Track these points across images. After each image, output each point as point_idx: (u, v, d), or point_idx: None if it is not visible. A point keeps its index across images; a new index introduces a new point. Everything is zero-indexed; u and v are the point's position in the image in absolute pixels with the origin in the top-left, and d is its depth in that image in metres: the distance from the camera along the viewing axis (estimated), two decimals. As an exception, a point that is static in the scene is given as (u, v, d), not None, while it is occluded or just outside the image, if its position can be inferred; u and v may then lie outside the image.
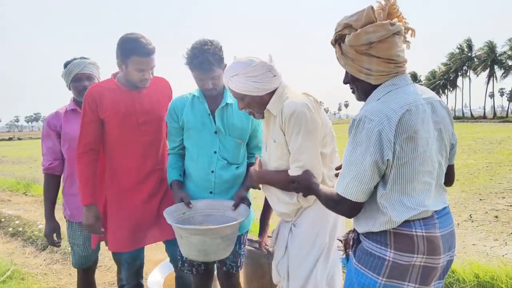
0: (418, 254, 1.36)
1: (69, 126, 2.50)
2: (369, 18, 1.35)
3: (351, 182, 1.36)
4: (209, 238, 1.94)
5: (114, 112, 2.22)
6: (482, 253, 4.31)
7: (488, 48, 68.56)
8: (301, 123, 1.73)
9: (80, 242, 2.58)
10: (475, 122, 56.20)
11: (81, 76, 2.49)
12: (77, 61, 2.49)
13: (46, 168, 2.52)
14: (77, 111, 2.53)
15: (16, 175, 12.58)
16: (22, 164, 17.56)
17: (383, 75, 1.41)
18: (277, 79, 1.83)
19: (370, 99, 1.44)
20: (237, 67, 1.80)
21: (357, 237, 1.55)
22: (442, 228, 1.42)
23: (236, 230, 2.09)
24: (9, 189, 9.38)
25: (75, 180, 2.47)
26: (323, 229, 1.90)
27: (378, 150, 1.32)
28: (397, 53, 1.39)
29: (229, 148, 2.25)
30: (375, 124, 1.31)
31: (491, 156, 12.71)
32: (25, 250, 4.74)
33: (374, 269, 1.41)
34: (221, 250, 2.00)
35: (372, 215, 1.43)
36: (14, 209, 7.06)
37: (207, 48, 2.08)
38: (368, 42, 1.36)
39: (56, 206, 2.60)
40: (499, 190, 7.60)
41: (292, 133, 1.76)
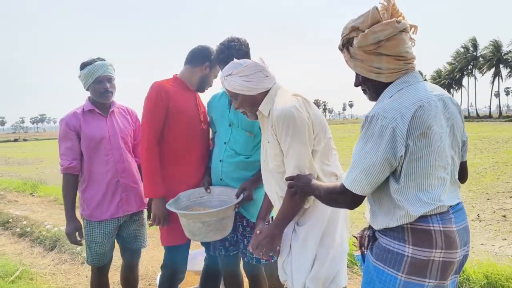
0: (437, 249, 1.37)
1: (88, 127, 2.54)
2: (375, 18, 1.39)
3: (359, 175, 1.38)
4: (192, 222, 2.19)
5: (184, 109, 2.43)
6: (491, 252, 4.29)
7: (493, 47, 68.16)
8: (289, 124, 1.76)
9: (99, 239, 2.59)
10: (481, 121, 55.90)
11: (103, 79, 2.53)
12: (100, 63, 2.52)
13: (65, 168, 2.52)
14: (94, 112, 2.59)
15: (23, 176, 12.64)
16: (28, 165, 17.67)
17: (393, 73, 1.44)
18: (269, 80, 1.90)
19: (382, 97, 1.46)
20: (231, 67, 1.91)
21: (373, 235, 1.56)
22: (458, 223, 1.43)
23: (222, 219, 2.19)
24: (16, 190, 9.43)
25: (94, 179, 2.54)
26: (327, 228, 1.90)
27: (391, 147, 1.33)
28: (406, 50, 1.42)
29: (239, 139, 2.35)
30: (389, 121, 1.33)
31: (497, 156, 12.65)
32: (33, 251, 4.76)
33: (394, 266, 1.41)
34: (204, 233, 2.20)
35: (389, 210, 1.44)
36: (21, 210, 7.10)
37: (233, 44, 2.23)
38: (377, 41, 1.39)
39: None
40: (507, 190, 7.56)
41: (281, 134, 1.81)
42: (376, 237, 1.53)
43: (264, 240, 1.92)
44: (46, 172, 14.09)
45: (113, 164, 2.58)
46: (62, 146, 2.54)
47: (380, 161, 1.35)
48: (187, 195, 2.44)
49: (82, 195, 2.60)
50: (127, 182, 2.63)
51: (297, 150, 1.78)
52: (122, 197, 2.60)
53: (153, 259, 4.28)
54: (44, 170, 14.98)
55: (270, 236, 1.91)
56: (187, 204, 2.42)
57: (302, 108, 1.80)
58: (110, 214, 2.57)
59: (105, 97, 2.57)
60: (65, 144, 2.53)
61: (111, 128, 2.61)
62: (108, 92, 2.56)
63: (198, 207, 2.42)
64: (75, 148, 2.53)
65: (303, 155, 1.79)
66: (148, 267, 4.08)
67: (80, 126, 2.53)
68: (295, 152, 1.79)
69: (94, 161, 2.54)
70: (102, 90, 2.54)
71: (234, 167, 2.39)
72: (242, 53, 2.23)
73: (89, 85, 2.54)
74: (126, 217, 2.67)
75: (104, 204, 2.56)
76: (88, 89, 2.58)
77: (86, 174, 2.56)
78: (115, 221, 2.62)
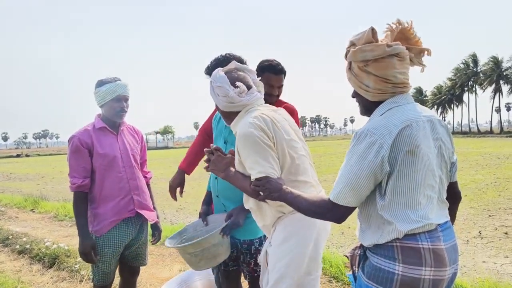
0: (426, 266, 1.38)
1: (101, 144, 2.56)
2: (368, 38, 1.44)
3: (344, 188, 1.42)
4: (181, 253, 2.25)
5: None
6: (492, 270, 4.25)
7: (493, 63, 68.55)
8: (248, 142, 1.79)
9: (107, 258, 2.58)
10: (482, 137, 55.88)
11: (122, 98, 2.59)
12: (120, 82, 2.58)
13: (78, 186, 2.50)
14: (106, 130, 2.62)
15: (24, 192, 12.63)
16: (30, 181, 17.68)
17: (380, 93, 1.49)
18: (235, 106, 1.93)
19: (372, 116, 1.51)
20: (212, 75, 2.00)
21: (364, 254, 1.56)
22: (446, 241, 1.45)
23: (206, 248, 2.17)
24: (17, 206, 9.41)
25: (108, 196, 2.56)
26: (296, 248, 1.86)
27: (377, 162, 1.37)
28: (394, 74, 1.46)
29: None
30: (377, 137, 1.38)
31: (499, 172, 12.61)
32: (32, 268, 4.73)
33: (385, 284, 1.42)
34: (196, 263, 2.23)
35: (378, 227, 1.46)
36: (21, 226, 7.08)
37: (228, 56, 2.41)
38: (364, 60, 1.45)
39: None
40: (508, 206, 7.51)
41: (243, 153, 1.83)
42: (367, 256, 1.54)
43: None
44: (47, 188, 14.10)
45: (126, 181, 2.62)
46: (74, 163, 2.52)
47: (365, 174, 1.38)
48: (194, 225, 2.52)
49: (93, 211, 2.58)
50: (140, 199, 2.67)
51: (259, 164, 1.78)
52: (137, 211, 2.65)
53: (152, 277, 4.25)
54: (45, 186, 14.98)
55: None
56: (193, 235, 2.46)
57: (263, 126, 1.80)
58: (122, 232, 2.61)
59: (120, 116, 2.62)
60: (77, 161, 2.52)
61: (122, 146, 2.65)
62: (123, 111, 2.63)
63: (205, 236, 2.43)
64: (87, 165, 2.53)
65: (265, 164, 1.78)
66: (147, 285, 4.05)
67: (93, 144, 2.53)
68: (258, 166, 1.78)
69: (107, 178, 2.56)
70: (118, 109, 2.58)
71: (228, 185, 2.38)
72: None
73: (106, 102, 2.56)
74: (134, 234, 2.69)
75: (118, 221, 2.58)
76: (102, 106, 2.60)
77: (98, 191, 2.56)
78: (124, 239, 2.62)
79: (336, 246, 5.42)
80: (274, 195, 1.69)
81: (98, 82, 2.59)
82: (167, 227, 6.02)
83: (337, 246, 5.42)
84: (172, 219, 7.69)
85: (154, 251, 5.10)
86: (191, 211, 8.45)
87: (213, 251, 2.20)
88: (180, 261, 4.67)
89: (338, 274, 3.83)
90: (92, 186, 2.57)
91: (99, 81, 2.59)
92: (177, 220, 7.55)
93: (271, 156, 1.80)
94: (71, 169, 2.53)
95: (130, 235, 2.67)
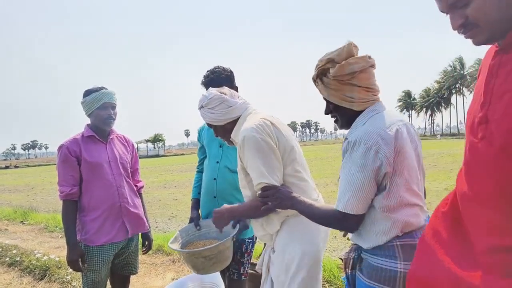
0: None
1: (89, 152, 2.58)
2: (349, 52, 1.54)
3: (351, 198, 1.46)
4: (194, 258, 2.20)
5: None
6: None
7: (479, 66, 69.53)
8: (251, 146, 1.79)
9: (96, 267, 2.57)
10: (471, 138, 56.01)
11: (108, 105, 2.62)
12: (106, 90, 2.62)
13: (66, 195, 2.52)
14: (94, 138, 2.64)
15: (13, 203, 12.47)
16: (19, 193, 17.46)
17: (364, 102, 1.58)
18: (234, 109, 1.95)
19: (356, 124, 1.58)
20: (200, 100, 2.01)
21: (358, 256, 1.59)
22: None
23: (222, 251, 2.20)
24: (6, 218, 9.29)
25: (96, 204, 2.56)
26: (297, 254, 1.86)
27: (375, 167, 1.43)
28: (374, 82, 1.59)
29: (231, 157, 2.51)
30: (371, 144, 1.43)
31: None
32: (23, 281, 4.67)
33: (389, 283, 1.46)
34: (208, 267, 2.21)
35: (378, 227, 1.50)
36: (11, 238, 6.98)
37: (217, 70, 2.56)
38: (352, 72, 1.53)
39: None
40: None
41: (246, 157, 1.83)
42: (362, 257, 1.57)
43: (216, 214, 2.04)
44: (37, 199, 13.94)
45: (115, 189, 2.62)
46: (62, 172, 2.54)
47: (368, 180, 1.44)
48: (186, 230, 2.52)
49: (82, 219, 2.59)
50: (129, 207, 2.67)
51: (259, 166, 1.78)
52: (124, 221, 2.64)
53: (145, 286, 4.22)
54: (34, 197, 14.81)
55: (220, 214, 2.03)
56: (187, 239, 2.47)
57: (265, 130, 1.81)
58: (110, 238, 2.58)
59: (108, 124, 2.64)
60: (66, 170, 2.54)
61: (111, 154, 2.67)
62: (111, 118, 2.64)
63: (198, 240, 2.48)
64: (75, 174, 2.55)
65: (269, 172, 1.77)
66: (140, 294, 4.02)
67: (81, 152, 2.56)
68: (257, 168, 1.78)
69: (95, 186, 2.56)
70: (106, 116, 2.61)
71: (227, 185, 2.52)
72: (224, 78, 2.49)
73: (93, 111, 2.60)
74: (123, 243, 2.68)
75: (106, 228, 2.57)
76: (90, 115, 2.63)
77: (86, 199, 2.57)
78: (114, 247, 2.62)
79: (329, 250, 5.43)
80: (287, 203, 1.72)
81: (84, 92, 2.63)
82: (159, 236, 5.99)
83: (330, 250, 5.44)
84: (164, 227, 7.65)
85: (147, 260, 5.07)
86: (183, 218, 8.41)
87: (226, 254, 2.26)
88: (173, 270, 4.65)
89: (331, 278, 3.84)
90: (81, 194, 2.58)
91: (86, 91, 2.63)
92: (169, 228, 7.51)
93: (274, 161, 1.81)
94: (60, 177, 2.55)
95: (120, 244, 2.66)
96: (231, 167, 2.52)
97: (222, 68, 2.55)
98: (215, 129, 2.04)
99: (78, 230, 2.58)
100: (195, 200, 2.73)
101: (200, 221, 2.56)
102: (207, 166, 2.65)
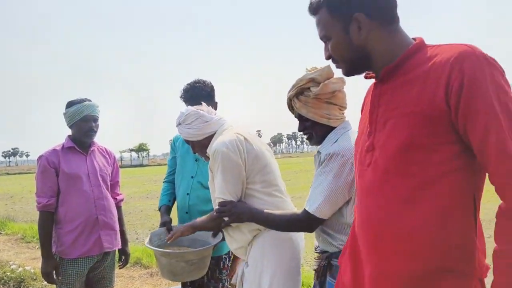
0: None
1: (67, 164, 2.57)
2: (329, 73, 1.68)
3: (323, 203, 1.58)
4: (174, 261, 2.13)
5: None
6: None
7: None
8: (218, 160, 1.85)
9: (71, 280, 2.54)
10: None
11: (90, 118, 2.61)
12: (88, 103, 2.62)
13: (43, 206, 2.51)
14: (74, 149, 2.64)
15: (-9, 212, 12.16)
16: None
17: (338, 119, 1.72)
18: (210, 125, 2.00)
19: (328, 140, 1.70)
20: (178, 117, 2.06)
21: (328, 263, 1.68)
22: None
23: (205, 257, 2.19)
24: (-18, 227, 9.05)
25: (72, 216, 2.54)
26: (269, 269, 1.87)
27: (349, 178, 1.57)
28: (345, 101, 1.76)
29: (206, 173, 2.42)
30: (347, 157, 1.58)
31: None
32: (-4, 293, 4.56)
33: None
34: (187, 273, 2.16)
35: (346, 231, 1.61)
36: (-14, 249, 6.81)
37: (198, 85, 2.53)
38: (333, 91, 1.67)
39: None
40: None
41: (215, 170, 1.89)
42: (332, 264, 1.66)
43: (180, 228, 2.13)
44: (15, 208, 13.63)
45: (93, 201, 2.60)
46: (40, 183, 2.55)
47: (342, 189, 1.57)
48: (158, 234, 2.47)
49: (57, 231, 2.57)
50: (106, 219, 2.64)
51: (224, 186, 1.85)
52: (101, 234, 2.60)
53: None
54: (13, 206, 14.48)
55: (180, 231, 2.12)
56: (159, 243, 2.41)
57: (234, 146, 1.85)
58: (86, 251, 2.55)
59: (89, 136, 2.65)
60: (44, 181, 2.54)
61: (91, 166, 2.66)
62: (92, 131, 2.64)
63: (170, 245, 2.40)
64: (53, 185, 2.54)
65: (228, 189, 1.85)
66: (117, 308, 3.96)
67: (59, 163, 2.55)
68: (222, 188, 1.85)
69: (72, 198, 2.55)
70: (87, 129, 2.61)
71: (200, 200, 2.50)
72: (204, 94, 2.47)
73: (74, 123, 2.60)
74: (99, 257, 2.65)
75: (81, 241, 2.54)
76: (71, 127, 2.64)
77: (63, 211, 2.55)
78: (89, 260, 2.59)
79: (311, 264, 5.43)
80: (244, 217, 1.80)
81: (67, 103, 2.64)
82: (138, 248, 5.92)
83: (311, 264, 5.43)
84: (144, 239, 7.50)
85: (124, 273, 5.00)
86: (165, 230, 8.29)
87: (206, 261, 2.24)
88: (151, 283, 4.60)
89: (310, 292, 3.84)
90: (58, 206, 2.56)
91: (68, 103, 2.63)
92: (150, 240, 7.40)
93: (237, 179, 1.85)
94: (38, 188, 2.55)
95: (95, 258, 2.63)
96: (205, 183, 2.50)
97: (203, 83, 2.54)
98: (193, 145, 2.08)
99: (54, 242, 2.56)
100: (166, 206, 2.67)
101: (173, 227, 2.50)
102: (181, 181, 2.62)
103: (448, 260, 1.05)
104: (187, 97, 2.49)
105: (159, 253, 2.16)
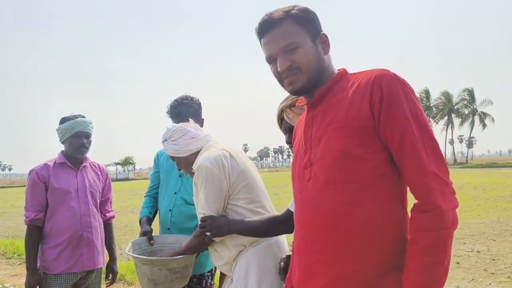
0: None
1: (56, 179, 2.58)
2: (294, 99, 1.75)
3: None
4: (157, 269, 2.08)
5: None
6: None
7: (444, 98, 72.46)
8: (202, 175, 1.86)
9: None
10: (437, 168, 57.45)
11: (82, 134, 2.63)
12: (81, 119, 2.64)
13: (31, 220, 2.52)
14: (65, 165, 2.66)
15: (-30, 227, 11.83)
16: (-22, 216, 16.60)
17: None
18: (197, 141, 2.02)
19: None
20: (164, 134, 2.08)
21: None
22: None
23: (187, 266, 2.16)
24: (-39, 243, 8.80)
25: (57, 231, 2.53)
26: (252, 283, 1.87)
27: None
28: None
29: (190, 190, 2.42)
30: None
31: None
32: (-26, 311, 4.42)
33: None
34: (169, 282, 2.11)
35: None
36: (-35, 265, 6.62)
37: (186, 102, 2.50)
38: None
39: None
40: (460, 236, 7.77)
41: (199, 185, 1.90)
42: None
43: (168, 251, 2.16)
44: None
45: (79, 217, 2.59)
46: (30, 197, 2.56)
47: None
48: (138, 243, 2.45)
49: (42, 246, 2.56)
50: (90, 237, 2.62)
51: (203, 198, 1.87)
52: (83, 251, 2.58)
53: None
54: (-6, 221, 14.13)
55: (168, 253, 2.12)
56: (139, 253, 2.38)
57: (219, 162, 1.87)
58: (68, 267, 2.53)
59: (81, 152, 2.66)
60: (33, 195, 2.55)
61: (81, 182, 2.66)
62: (84, 147, 2.66)
63: (151, 255, 2.39)
64: (42, 200, 2.55)
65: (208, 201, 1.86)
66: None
67: (49, 178, 2.56)
68: (202, 199, 1.87)
69: (59, 212, 2.55)
70: (78, 145, 2.63)
71: (183, 217, 2.49)
72: (192, 111, 2.46)
73: (66, 139, 2.62)
74: (83, 274, 2.62)
75: (64, 257, 2.52)
76: (63, 143, 2.66)
77: (49, 225, 2.55)
78: (72, 277, 2.56)
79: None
80: (224, 229, 1.81)
81: (60, 119, 2.67)
82: (122, 265, 5.84)
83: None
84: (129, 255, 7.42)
85: (109, 289, 4.90)
86: (150, 245, 8.18)
87: (189, 271, 2.21)
88: (136, 299, 4.51)
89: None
90: (45, 221, 2.56)
91: (61, 119, 2.66)
92: (135, 256, 7.28)
93: (218, 195, 1.86)
94: (27, 202, 2.57)
95: (79, 275, 2.60)
96: (188, 199, 2.48)
97: (190, 100, 2.53)
98: (178, 162, 2.08)
99: (39, 257, 2.55)
100: (146, 218, 2.66)
101: (154, 236, 2.49)
102: (164, 196, 2.61)
103: (388, 255, 1.19)
104: (174, 114, 2.48)
105: (142, 261, 2.11)
